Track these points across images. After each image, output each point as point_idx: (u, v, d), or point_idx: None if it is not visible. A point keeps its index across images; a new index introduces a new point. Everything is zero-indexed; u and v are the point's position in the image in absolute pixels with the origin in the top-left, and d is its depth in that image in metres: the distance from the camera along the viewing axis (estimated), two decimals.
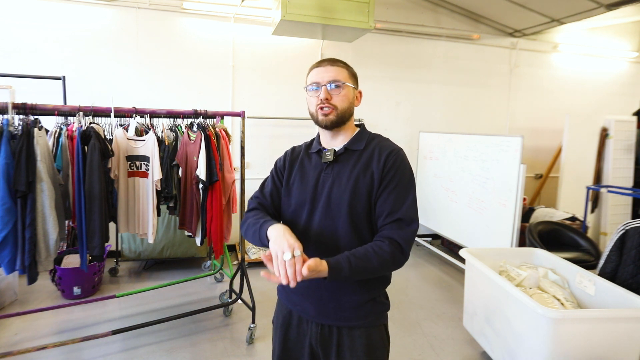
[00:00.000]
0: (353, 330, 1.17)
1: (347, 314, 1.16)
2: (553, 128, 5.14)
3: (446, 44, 4.68)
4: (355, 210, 1.13)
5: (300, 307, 1.21)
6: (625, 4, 3.65)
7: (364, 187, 1.13)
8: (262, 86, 4.16)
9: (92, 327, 2.65)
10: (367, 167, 1.15)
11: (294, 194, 1.22)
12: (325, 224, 1.15)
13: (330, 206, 1.15)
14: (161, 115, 2.46)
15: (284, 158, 1.30)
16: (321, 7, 3.12)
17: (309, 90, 1.18)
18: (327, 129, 1.18)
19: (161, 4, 3.78)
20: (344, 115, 1.16)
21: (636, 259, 2.19)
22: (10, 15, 3.47)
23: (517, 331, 2.00)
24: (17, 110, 2.01)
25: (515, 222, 3.04)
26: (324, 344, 1.18)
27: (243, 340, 2.56)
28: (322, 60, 1.19)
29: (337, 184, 1.15)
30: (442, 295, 3.35)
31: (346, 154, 1.19)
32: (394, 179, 1.12)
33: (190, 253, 3.66)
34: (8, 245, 1.94)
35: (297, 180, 1.22)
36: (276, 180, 1.28)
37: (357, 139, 1.20)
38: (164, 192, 2.52)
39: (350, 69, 1.21)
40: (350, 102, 1.18)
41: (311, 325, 1.20)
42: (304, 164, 1.25)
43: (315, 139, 1.28)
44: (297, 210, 1.20)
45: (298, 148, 1.31)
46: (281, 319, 1.27)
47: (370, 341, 1.17)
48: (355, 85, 1.20)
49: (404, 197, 1.12)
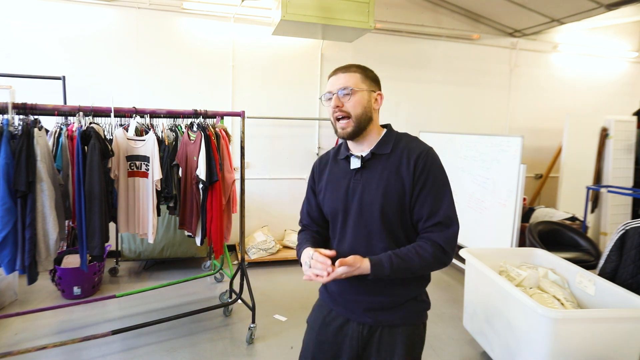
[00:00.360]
0: (394, 328, 1.19)
1: (388, 314, 1.18)
2: (553, 128, 5.14)
3: (446, 44, 4.68)
4: (388, 215, 1.14)
5: (343, 306, 1.23)
6: (625, 4, 3.65)
7: (394, 192, 1.13)
8: (262, 86, 4.16)
9: (92, 327, 2.65)
10: (396, 171, 1.14)
11: (327, 204, 1.24)
12: (359, 230, 1.17)
13: (363, 213, 1.16)
14: (161, 115, 2.46)
15: (312, 172, 1.34)
16: (321, 7, 3.12)
17: (324, 100, 1.20)
18: (348, 140, 1.21)
19: (161, 4, 3.78)
20: (360, 122, 1.16)
21: (636, 259, 2.19)
22: (10, 16, 3.47)
23: (517, 331, 2.00)
24: (17, 110, 2.01)
25: (515, 222, 3.04)
26: (364, 343, 1.20)
27: (243, 340, 2.56)
28: (337, 69, 1.20)
29: (368, 191, 1.16)
30: (442, 295, 3.35)
31: (374, 159, 1.18)
32: (427, 182, 1.12)
33: (190, 253, 3.66)
34: (8, 245, 1.94)
35: (330, 190, 1.24)
36: (310, 197, 1.33)
37: (383, 142, 1.20)
38: (164, 192, 2.52)
39: (366, 73, 1.19)
40: (365, 106, 1.16)
41: (352, 325, 1.21)
42: (334, 172, 1.26)
43: (343, 144, 1.27)
44: (332, 218, 1.24)
45: (325, 157, 1.33)
46: (320, 320, 1.27)
47: (411, 338, 1.19)
48: (371, 88, 1.19)
49: (440, 198, 1.12)
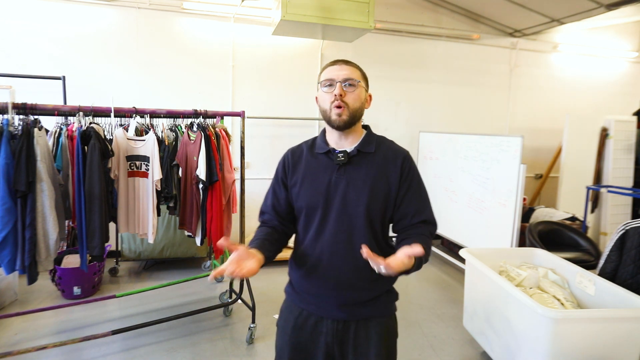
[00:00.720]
0: (369, 321, 1.20)
1: (363, 307, 1.19)
2: (553, 128, 5.14)
3: (446, 44, 4.68)
4: (372, 212, 1.16)
5: (315, 305, 1.21)
6: (625, 4, 3.65)
7: (381, 190, 1.17)
8: (262, 86, 4.16)
9: (92, 327, 2.65)
10: (383, 171, 1.18)
11: (304, 197, 1.20)
12: (340, 225, 1.16)
13: (347, 208, 1.16)
14: (161, 115, 2.46)
15: (285, 164, 1.27)
16: (321, 7, 3.12)
17: (322, 87, 1.18)
18: (338, 130, 1.18)
19: (161, 4, 3.78)
20: (355, 115, 1.17)
21: (636, 259, 2.19)
22: (10, 16, 3.47)
23: (517, 331, 2.00)
24: (17, 110, 2.00)
25: (515, 222, 3.04)
26: (340, 340, 1.19)
27: (243, 340, 2.56)
28: (337, 60, 1.20)
29: (353, 186, 1.16)
30: (442, 295, 3.35)
31: (359, 156, 1.19)
32: (412, 183, 1.20)
33: (190, 253, 3.66)
34: (8, 245, 1.94)
35: (307, 183, 1.21)
36: (277, 190, 1.27)
37: (367, 141, 1.21)
38: (164, 192, 2.52)
39: (363, 72, 1.22)
40: (362, 102, 1.18)
41: (327, 322, 1.20)
42: (311, 165, 1.23)
43: (320, 139, 1.26)
44: (309, 212, 1.20)
45: (298, 150, 1.28)
46: (292, 322, 1.25)
47: (386, 330, 1.21)
48: (366, 88, 1.21)
49: (425, 199, 1.23)
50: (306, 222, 1.22)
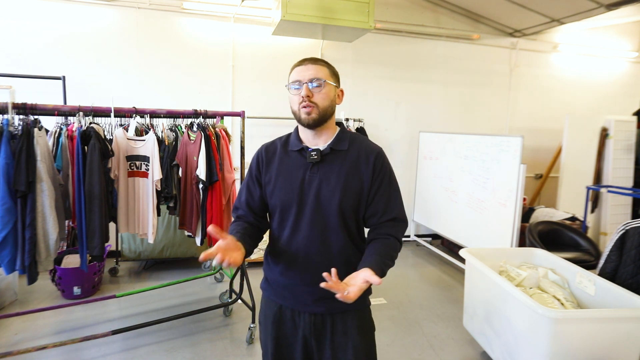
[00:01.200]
0: (345, 314, 1.21)
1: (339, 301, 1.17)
2: (553, 128, 5.14)
3: (446, 44, 4.68)
4: (345, 210, 1.17)
5: (292, 300, 1.23)
6: (625, 4, 3.65)
7: (353, 188, 1.18)
8: (262, 86, 4.16)
9: (92, 327, 2.65)
10: (356, 169, 1.19)
11: (278, 195, 1.21)
12: (315, 223, 1.17)
13: (320, 205, 1.17)
14: (161, 115, 2.46)
15: (258, 160, 1.27)
16: (321, 7, 3.12)
17: (290, 88, 1.20)
18: (309, 128, 1.19)
19: (161, 4, 3.78)
20: (325, 113, 1.17)
21: (636, 259, 2.19)
22: (10, 16, 3.46)
23: (517, 331, 2.00)
24: (17, 110, 2.01)
25: (515, 222, 3.04)
26: (317, 333, 1.21)
27: (243, 340, 2.56)
28: (304, 59, 1.21)
29: (326, 184, 1.17)
30: (442, 295, 3.35)
31: (331, 154, 1.20)
32: (384, 181, 1.21)
33: (190, 253, 3.66)
34: (8, 245, 1.94)
35: (281, 181, 1.21)
36: (251, 187, 1.27)
37: (340, 139, 1.22)
38: (164, 192, 2.52)
39: (332, 68, 1.22)
40: (332, 100, 1.19)
41: (304, 316, 1.22)
42: (284, 163, 1.23)
43: (293, 136, 1.26)
44: (283, 210, 1.21)
45: (272, 146, 1.28)
46: (271, 317, 1.27)
47: (362, 322, 1.23)
48: (336, 84, 1.22)
49: (395, 197, 1.23)
50: (281, 220, 1.23)
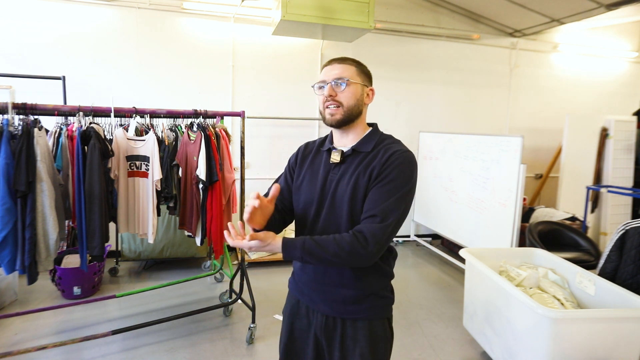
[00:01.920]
0: (356, 322, 1.20)
1: (349, 307, 1.19)
2: (553, 128, 5.14)
3: (446, 44, 4.68)
4: (355, 210, 1.14)
5: (308, 297, 1.25)
6: (625, 4, 3.65)
7: (362, 186, 1.13)
8: (262, 86, 4.16)
9: (92, 327, 2.65)
10: (367, 166, 1.14)
11: (303, 192, 1.24)
12: (329, 223, 1.18)
13: (334, 206, 1.17)
14: (161, 115, 2.46)
15: (297, 155, 1.33)
16: (321, 7, 3.12)
17: (316, 89, 1.20)
18: (334, 128, 1.21)
19: (161, 4, 3.78)
20: (350, 112, 1.16)
21: (636, 259, 2.19)
22: (10, 16, 3.46)
23: (517, 331, 2.00)
24: (17, 110, 2.01)
25: (515, 222, 3.04)
26: (328, 334, 1.22)
27: (243, 340, 2.56)
28: (331, 60, 1.21)
29: (341, 184, 1.17)
30: (442, 295, 3.35)
31: (353, 155, 1.19)
32: (388, 176, 1.10)
33: (190, 253, 3.66)
34: (8, 245, 1.94)
35: (307, 179, 1.24)
36: (288, 178, 1.32)
37: (366, 140, 1.20)
38: (164, 192, 2.52)
39: (361, 67, 1.21)
40: (358, 99, 1.17)
41: (317, 315, 1.23)
42: (315, 162, 1.26)
43: (329, 136, 1.29)
44: (305, 208, 1.23)
45: (312, 144, 1.33)
46: (289, 309, 1.31)
47: (373, 333, 1.20)
48: (365, 83, 1.20)
49: (388, 195, 1.08)
50: (303, 217, 1.24)
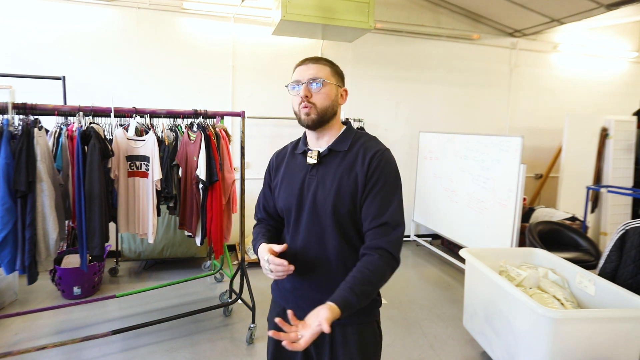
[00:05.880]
0: (345, 327, 1.18)
1: None
2: (553, 128, 5.14)
3: (446, 44, 4.68)
4: (340, 213, 1.13)
5: (294, 304, 1.22)
6: (625, 4, 3.65)
7: (347, 189, 1.12)
8: (262, 86, 4.16)
9: (92, 327, 2.65)
10: (350, 169, 1.13)
11: (282, 199, 1.22)
12: (312, 227, 1.16)
13: (316, 210, 1.15)
14: (161, 115, 2.46)
15: (269, 167, 1.31)
16: (321, 7, 3.12)
17: (290, 89, 1.19)
18: (309, 129, 1.18)
19: (161, 4, 3.78)
20: (325, 113, 1.15)
21: (636, 258, 2.19)
22: (10, 15, 3.46)
23: (517, 331, 2.00)
24: (17, 110, 2.01)
25: (515, 222, 3.04)
26: (317, 341, 1.18)
27: (243, 340, 2.56)
28: (305, 59, 1.19)
29: (322, 187, 1.14)
30: (442, 295, 3.35)
31: (330, 155, 1.17)
32: (379, 182, 1.10)
33: (190, 253, 3.66)
34: (8, 245, 1.94)
35: (284, 185, 1.22)
36: (266, 192, 1.31)
37: (341, 139, 1.19)
38: (164, 192, 2.52)
39: (335, 67, 1.20)
40: (333, 100, 1.16)
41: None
42: (290, 167, 1.24)
43: (302, 139, 1.26)
44: (286, 214, 1.22)
45: (282, 151, 1.31)
46: (275, 317, 1.27)
47: (363, 337, 1.19)
48: (339, 83, 1.19)
49: (389, 200, 1.10)
50: (287, 223, 1.24)
